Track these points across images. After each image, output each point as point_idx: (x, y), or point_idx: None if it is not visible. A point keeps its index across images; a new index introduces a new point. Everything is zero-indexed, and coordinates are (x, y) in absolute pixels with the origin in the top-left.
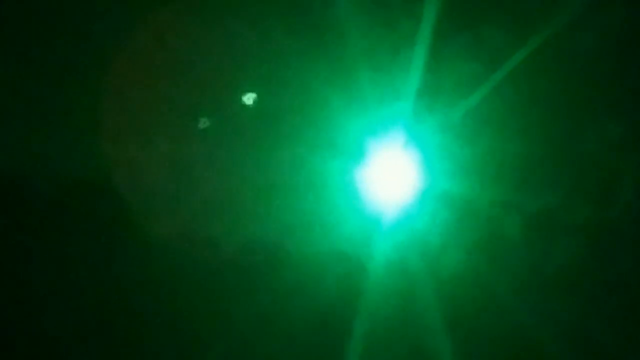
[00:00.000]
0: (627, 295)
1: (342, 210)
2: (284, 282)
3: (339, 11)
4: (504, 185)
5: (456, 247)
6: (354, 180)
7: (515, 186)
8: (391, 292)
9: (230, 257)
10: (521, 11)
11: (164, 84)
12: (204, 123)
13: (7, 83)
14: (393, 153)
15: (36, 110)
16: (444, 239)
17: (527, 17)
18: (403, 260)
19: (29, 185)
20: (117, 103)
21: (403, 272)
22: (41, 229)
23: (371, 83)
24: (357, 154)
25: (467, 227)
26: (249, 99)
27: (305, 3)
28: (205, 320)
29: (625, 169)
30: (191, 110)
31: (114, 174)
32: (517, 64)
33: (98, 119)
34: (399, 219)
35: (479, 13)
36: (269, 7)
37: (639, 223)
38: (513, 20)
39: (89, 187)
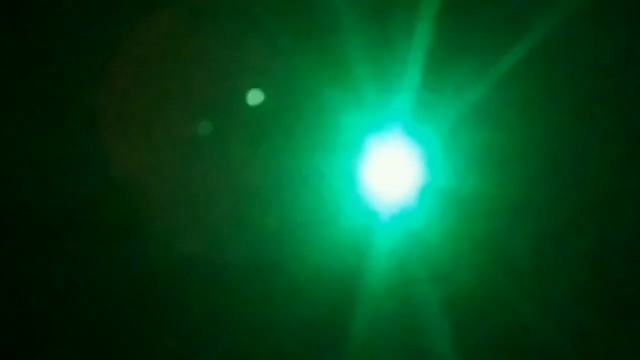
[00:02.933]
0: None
1: (342, 207)
2: (283, 279)
3: (337, 8)
4: (506, 181)
5: (457, 243)
6: (354, 176)
7: (517, 182)
8: (391, 288)
9: (228, 254)
10: (524, 7)
11: (161, 86)
12: (203, 123)
13: (5, 83)
14: (393, 149)
15: (35, 111)
16: (444, 236)
17: (530, 12)
18: (403, 257)
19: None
20: (117, 104)
21: (403, 269)
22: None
23: (371, 79)
24: (357, 151)
25: (468, 223)
26: (251, 97)
27: (304, 2)
28: (207, 318)
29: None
30: (191, 111)
31: (114, 173)
32: (520, 60)
33: (101, 118)
34: (399, 215)
35: (480, 9)
36: (268, 6)
37: None
38: (515, 15)
39: (89, 187)
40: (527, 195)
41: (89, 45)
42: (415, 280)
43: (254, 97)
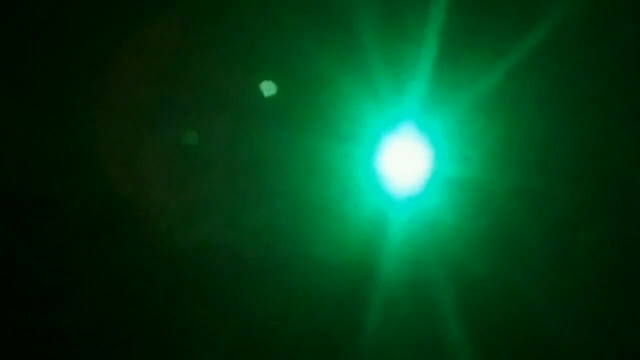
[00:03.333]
0: None
1: (357, 197)
2: (299, 268)
3: (352, 4)
4: (517, 172)
5: (469, 232)
6: (368, 167)
7: (528, 172)
8: (405, 277)
9: (243, 244)
10: (534, 2)
11: (169, 79)
12: (215, 116)
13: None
14: (406, 141)
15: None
16: (457, 225)
17: (539, 8)
18: (417, 246)
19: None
20: (120, 100)
21: (417, 257)
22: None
23: (384, 73)
24: (371, 142)
25: (480, 213)
26: (265, 88)
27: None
28: (222, 311)
29: None
30: (204, 102)
31: (116, 174)
32: (531, 53)
33: (100, 118)
34: (413, 205)
35: (490, 4)
36: (284, 2)
37: None
38: (525, 11)
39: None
40: (538, 186)
41: (88, 47)
42: (427, 269)
43: (268, 89)
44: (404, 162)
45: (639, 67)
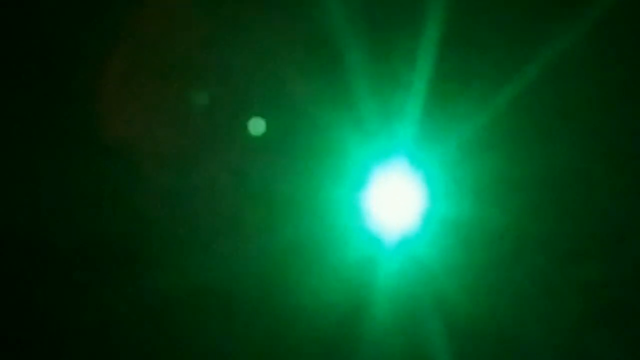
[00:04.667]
0: None
1: (347, 235)
2: (287, 306)
3: (342, 39)
4: (509, 210)
5: (460, 271)
6: (358, 204)
7: (520, 211)
8: (395, 316)
9: (232, 282)
10: (526, 36)
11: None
12: (204, 156)
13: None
14: (397, 178)
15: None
16: (448, 264)
17: (531, 43)
18: (407, 284)
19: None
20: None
21: (407, 296)
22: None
23: (374, 109)
24: (361, 179)
25: (471, 251)
26: (254, 126)
27: (305, 27)
28: (213, 345)
29: None
30: (192, 138)
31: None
32: (523, 89)
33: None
34: (403, 243)
35: (482, 36)
36: (268, 33)
37: None
38: (519, 41)
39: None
40: (530, 225)
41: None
42: (419, 309)
43: (256, 126)
44: (395, 201)
45: (635, 105)
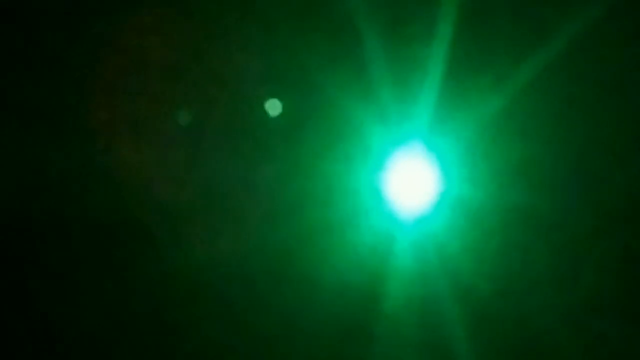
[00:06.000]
0: None
1: (363, 219)
2: (304, 287)
3: (356, 21)
4: (524, 191)
5: (476, 251)
6: (376, 185)
7: (535, 191)
8: (412, 295)
9: (248, 262)
10: (540, 21)
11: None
12: (222, 137)
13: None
14: (412, 162)
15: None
16: (464, 244)
17: (546, 26)
18: (423, 264)
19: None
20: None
21: (423, 276)
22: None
23: (391, 91)
24: (378, 160)
25: (486, 231)
26: (271, 107)
27: (323, 13)
28: (229, 323)
29: None
30: (208, 118)
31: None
32: (538, 72)
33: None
34: (420, 226)
35: (496, 24)
36: (294, 22)
37: None
38: (532, 28)
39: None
40: (545, 206)
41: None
42: (435, 289)
43: (274, 107)
44: (411, 182)
45: None
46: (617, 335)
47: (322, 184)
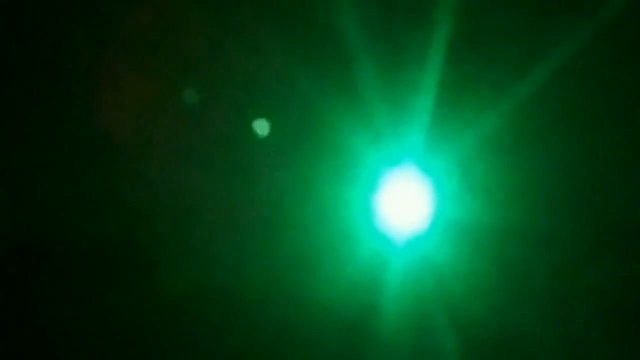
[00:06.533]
0: None
1: (355, 240)
2: (297, 306)
3: (349, 40)
4: (518, 213)
5: (470, 274)
6: (367, 210)
7: (530, 213)
8: (404, 321)
9: (243, 283)
10: (533, 41)
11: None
12: (210, 153)
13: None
14: (406, 183)
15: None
16: (458, 267)
17: (540, 42)
18: (417, 286)
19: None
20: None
21: (417, 301)
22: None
23: (384, 112)
24: (371, 181)
25: (481, 254)
26: (260, 127)
27: (316, 31)
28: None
29: None
30: (196, 140)
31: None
32: (532, 93)
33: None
34: (413, 248)
35: (490, 44)
36: (282, 37)
37: None
38: (527, 47)
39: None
40: (540, 228)
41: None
42: (428, 311)
43: (261, 128)
44: (405, 203)
45: None
46: (613, 353)
47: (315, 205)
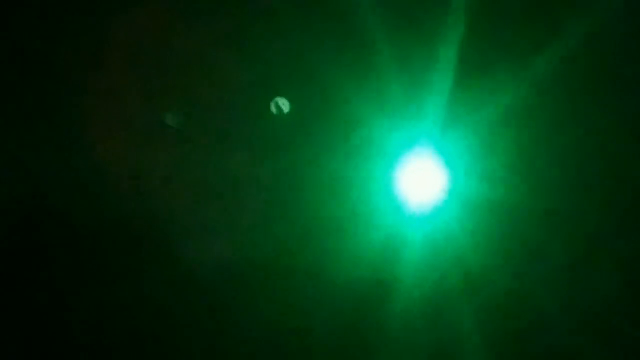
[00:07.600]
0: None
1: (373, 216)
2: (314, 284)
3: (366, 20)
4: (535, 189)
5: (487, 248)
6: (385, 186)
7: (546, 189)
8: (422, 296)
9: (260, 258)
10: (548, 22)
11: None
12: (231, 135)
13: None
14: (423, 159)
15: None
16: (476, 244)
17: (555, 27)
18: (433, 264)
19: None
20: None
21: (434, 276)
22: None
23: (400, 91)
24: (387, 161)
25: (497, 230)
26: (280, 105)
27: (333, 12)
28: (238, 319)
29: None
30: (222, 114)
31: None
32: (547, 71)
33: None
34: (430, 224)
35: (506, 24)
36: (303, 21)
37: None
38: (542, 28)
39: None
40: (558, 204)
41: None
42: (445, 286)
43: (281, 105)
44: (422, 180)
45: None
46: (633, 332)
47: (333, 182)
